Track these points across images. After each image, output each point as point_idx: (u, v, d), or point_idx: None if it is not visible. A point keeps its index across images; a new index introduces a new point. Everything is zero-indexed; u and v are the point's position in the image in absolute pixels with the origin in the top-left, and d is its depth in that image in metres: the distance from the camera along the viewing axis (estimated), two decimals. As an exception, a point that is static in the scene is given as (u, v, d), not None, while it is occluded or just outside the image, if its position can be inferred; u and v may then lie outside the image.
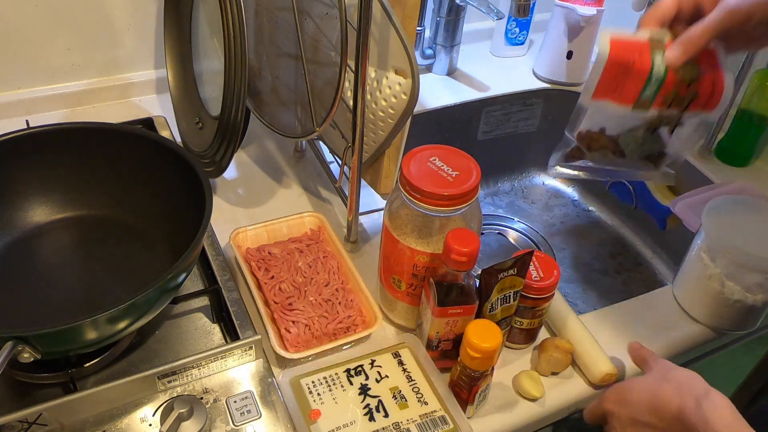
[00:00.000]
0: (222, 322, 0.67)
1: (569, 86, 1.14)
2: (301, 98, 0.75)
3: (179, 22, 0.85)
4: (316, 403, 0.59)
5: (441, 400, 0.60)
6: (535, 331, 0.68)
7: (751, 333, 0.77)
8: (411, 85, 0.66)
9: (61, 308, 0.64)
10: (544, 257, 0.66)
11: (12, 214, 0.70)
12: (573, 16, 1.05)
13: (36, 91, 0.95)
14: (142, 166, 0.70)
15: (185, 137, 0.87)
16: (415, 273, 0.64)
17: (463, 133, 1.12)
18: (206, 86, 0.83)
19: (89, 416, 0.57)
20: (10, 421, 0.53)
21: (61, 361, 0.60)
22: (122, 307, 0.52)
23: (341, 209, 0.85)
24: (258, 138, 0.96)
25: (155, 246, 0.70)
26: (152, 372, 0.58)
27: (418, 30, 1.09)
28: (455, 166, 0.61)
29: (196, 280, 0.71)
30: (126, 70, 0.99)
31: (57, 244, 0.71)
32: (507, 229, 1.11)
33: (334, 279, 0.71)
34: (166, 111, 0.96)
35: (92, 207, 0.73)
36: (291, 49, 0.74)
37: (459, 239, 0.56)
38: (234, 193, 0.86)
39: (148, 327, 0.65)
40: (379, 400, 0.60)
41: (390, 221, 0.63)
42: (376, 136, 0.72)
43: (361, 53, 0.61)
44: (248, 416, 0.58)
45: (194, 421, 0.56)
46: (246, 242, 0.75)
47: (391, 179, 0.76)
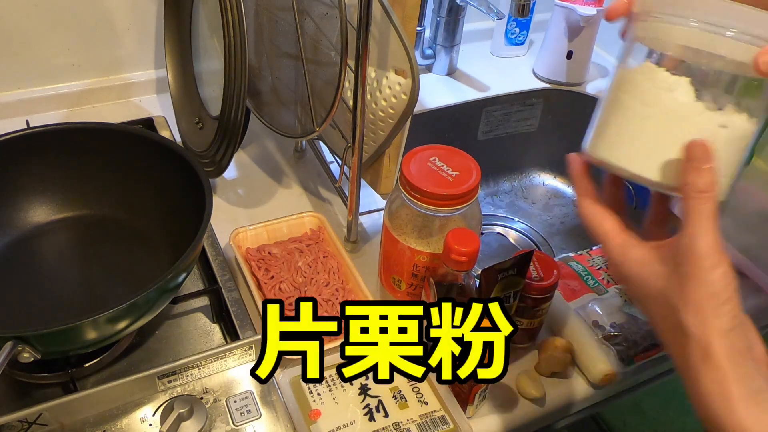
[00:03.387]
0: (222, 322, 0.67)
1: (569, 86, 1.14)
2: (301, 98, 0.75)
3: (179, 22, 0.85)
4: (316, 403, 0.59)
5: (441, 400, 0.60)
6: (535, 331, 0.68)
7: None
8: (411, 85, 0.66)
9: (61, 308, 0.64)
10: (544, 257, 0.66)
11: (12, 214, 0.70)
12: (573, 16, 1.05)
13: (36, 91, 0.95)
14: (142, 166, 0.70)
15: (185, 137, 0.87)
16: (415, 273, 0.64)
17: (463, 133, 1.12)
18: (206, 86, 0.83)
19: (89, 416, 0.57)
20: (10, 421, 0.53)
21: (61, 361, 0.60)
22: (122, 307, 0.52)
23: (341, 209, 0.85)
24: (258, 138, 0.96)
25: (155, 246, 0.70)
26: (152, 372, 0.58)
27: (418, 30, 1.09)
28: (455, 166, 0.61)
29: (196, 280, 0.71)
30: (126, 70, 0.99)
31: (57, 244, 0.71)
32: (507, 229, 1.11)
33: (334, 279, 0.71)
34: (166, 111, 0.96)
35: (92, 207, 0.73)
36: (291, 49, 0.74)
37: (459, 239, 0.56)
38: (234, 193, 0.86)
39: (148, 327, 0.65)
40: (379, 400, 0.60)
41: (390, 221, 0.63)
42: (376, 136, 0.72)
43: (361, 53, 0.61)
44: (248, 416, 0.58)
45: (194, 421, 0.56)
46: (246, 242, 0.75)
47: (391, 179, 0.76)
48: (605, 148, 0.44)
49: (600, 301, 0.72)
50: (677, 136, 0.41)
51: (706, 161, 0.39)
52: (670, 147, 0.41)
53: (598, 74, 1.19)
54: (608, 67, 1.21)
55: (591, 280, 0.77)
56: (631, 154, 0.43)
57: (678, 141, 0.41)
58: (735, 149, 0.42)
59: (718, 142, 0.40)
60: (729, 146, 0.41)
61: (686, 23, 0.40)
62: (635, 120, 0.42)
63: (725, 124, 0.40)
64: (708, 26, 0.39)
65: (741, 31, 0.39)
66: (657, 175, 0.42)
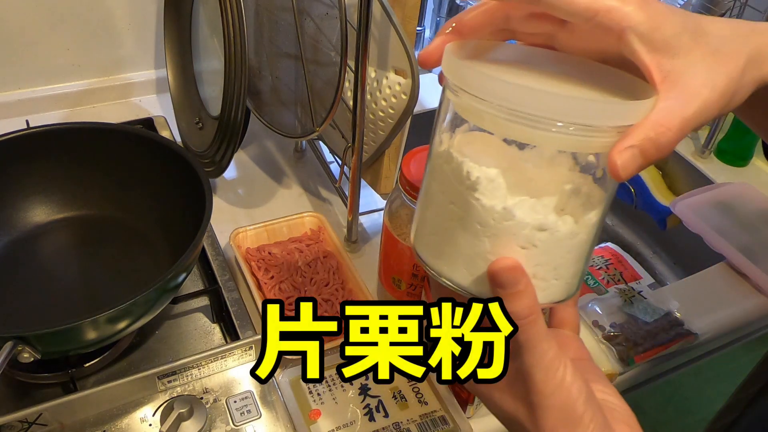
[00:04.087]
0: (222, 322, 0.67)
1: (569, 86, 1.14)
2: (301, 98, 0.75)
3: (179, 22, 0.85)
4: (316, 403, 0.59)
5: (441, 400, 0.60)
6: (535, 331, 0.68)
7: (751, 333, 0.77)
8: (411, 85, 0.66)
9: (61, 308, 0.64)
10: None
11: (12, 214, 0.70)
12: (573, 16, 1.05)
13: (36, 91, 0.95)
14: (142, 166, 0.70)
15: (185, 137, 0.87)
16: (415, 273, 0.64)
17: (463, 133, 1.11)
18: (206, 86, 0.83)
19: (89, 416, 0.57)
20: (10, 421, 0.53)
21: (61, 361, 0.60)
22: (122, 307, 0.52)
23: (341, 209, 0.85)
24: (258, 138, 0.95)
25: (155, 246, 0.70)
26: (152, 372, 0.58)
27: (418, 30, 1.09)
28: (455, 166, 0.61)
29: (196, 280, 0.71)
30: (126, 70, 0.99)
31: (57, 244, 0.71)
32: (507, 229, 1.11)
33: (334, 279, 0.71)
34: (166, 111, 0.96)
35: (92, 207, 0.73)
36: (291, 49, 0.74)
37: (459, 239, 0.56)
38: (234, 193, 0.86)
39: (148, 327, 0.65)
40: (379, 400, 0.60)
41: (390, 221, 0.63)
42: (376, 136, 0.72)
43: (361, 53, 0.61)
44: (248, 416, 0.58)
45: (194, 421, 0.56)
46: (246, 242, 0.75)
47: (391, 179, 0.76)
48: (422, 248, 0.38)
49: (600, 301, 0.72)
50: (491, 246, 0.33)
51: (515, 284, 0.33)
52: (482, 259, 0.34)
53: (598, 74, 1.18)
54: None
55: (591, 280, 0.77)
56: (456, 265, 0.35)
57: (489, 252, 0.34)
58: (566, 248, 0.34)
59: (539, 248, 0.33)
60: (556, 248, 0.34)
61: (495, 110, 0.31)
62: (446, 222, 0.35)
63: (543, 226, 0.33)
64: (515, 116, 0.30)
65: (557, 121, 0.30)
66: (477, 287, 0.35)
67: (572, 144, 0.32)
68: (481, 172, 0.32)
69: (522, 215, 0.32)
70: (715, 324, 0.73)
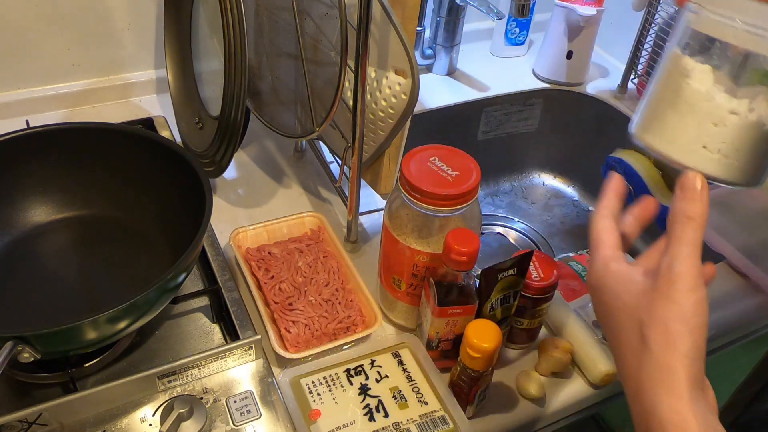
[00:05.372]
0: (222, 322, 0.67)
1: (569, 86, 1.14)
2: (301, 98, 0.75)
3: (179, 22, 0.85)
4: (316, 403, 0.59)
5: (441, 400, 0.60)
6: (535, 331, 0.68)
7: (751, 333, 0.77)
8: (411, 85, 0.66)
9: (61, 308, 0.64)
10: (544, 257, 0.66)
11: (12, 214, 0.70)
12: (573, 16, 1.05)
13: (36, 91, 0.95)
14: (142, 165, 0.70)
15: (185, 137, 0.87)
16: (415, 273, 0.64)
17: (463, 133, 1.12)
18: (206, 86, 0.83)
19: (89, 416, 0.57)
20: (10, 421, 0.53)
21: (61, 361, 0.60)
22: (122, 307, 0.52)
23: (341, 209, 0.85)
24: (258, 138, 0.96)
25: (155, 246, 0.70)
26: (152, 372, 0.58)
27: (418, 30, 1.09)
28: (455, 166, 0.61)
29: (196, 280, 0.71)
30: (126, 70, 0.99)
31: (57, 244, 0.71)
32: (507, 229, 1.11)
33: (334, 279, 0.71)
34: (166, 111, 0.96)
35: (92, 207, 0.73)
36: (291, 49, 0.74)
37: (459, 239, 0.56)
38: (234, 193, 0.86)
39: (148, 327, 0.65)
40: (379, 400, 0.60)
41: (390, 221, 0.63)
42: (376, 136, 0.72)
43: (361, 53, 0.61)
44: (248, 416, 0.58)
45: (194, 421, 0.56)
46: (246, 242, 0.75)
47: (391, 179, 0.76)
48: (642, 130, 0.47)
49: (600, 301, 0.72)
50: (692, 122, 0.43)
51: (695, 190, 0.39)
52: (690, 131, 0.43)
53: (598, 74, 1.19)
54: (608, 67, 1.21)
55: (591, 280, 0.77)
56: (664, 139, 0.45)
57: (694, 126, 0.43)
58: (749, 137, 0.42)
59: (728, 128, 0.42)
60: (741, 133, 0.42)
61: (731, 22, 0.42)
62: (663, 105, 0.45)
63: (735, 110, 0.41)
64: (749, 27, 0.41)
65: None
66: (684, 158, 0.44)
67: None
68: (696, 65, 0.43)
69: (720, 100, 0.42)
70: (715, 324, 0.73)
